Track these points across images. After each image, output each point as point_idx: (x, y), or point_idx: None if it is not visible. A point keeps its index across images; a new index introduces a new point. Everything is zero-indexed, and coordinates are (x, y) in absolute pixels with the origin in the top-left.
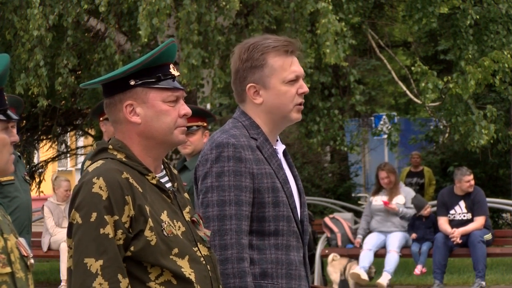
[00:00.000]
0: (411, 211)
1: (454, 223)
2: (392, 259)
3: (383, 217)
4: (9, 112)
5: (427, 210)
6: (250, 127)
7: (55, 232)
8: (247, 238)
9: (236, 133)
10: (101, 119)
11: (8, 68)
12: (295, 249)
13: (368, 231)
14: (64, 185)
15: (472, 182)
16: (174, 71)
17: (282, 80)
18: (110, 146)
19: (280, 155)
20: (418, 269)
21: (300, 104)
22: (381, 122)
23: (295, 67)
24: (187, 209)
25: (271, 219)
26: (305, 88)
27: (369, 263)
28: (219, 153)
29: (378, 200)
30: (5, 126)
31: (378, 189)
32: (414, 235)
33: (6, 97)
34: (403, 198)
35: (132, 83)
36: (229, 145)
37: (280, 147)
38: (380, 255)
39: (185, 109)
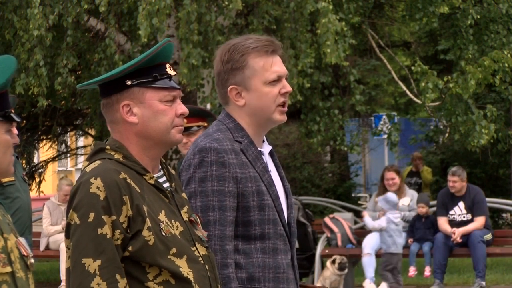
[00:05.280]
0: (413, 213)
1: (454, 224)
2: None
3: None
4: (12, 114)
5: (425, 209)
6: (234, 130)
7: (50, 233)
8: (232, 244)
9: (219, 137)
10: None
11: (15, 71)
12: (282, 252)
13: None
14: (64, 189)
15: (455, 184)
16: (170, 71)
17: (263, 81)
18: (108, 147)
19: (267, 157)
20: (427, 270)
21: (283, 104)
22: (381, 122)
23: (276, 67)
24: (185, 209)
25: (257, 223)
26: (288, 88)
27: (374, 270)
28: (201, 158)
29: None
30: (8, 128)
31: (384, 191)
32: (410, 240)
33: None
34: (408, 200)
35: (129, 83)
36: (211, 150)
37: (266, 148)
38: (380, 255)
39: (182, 108)
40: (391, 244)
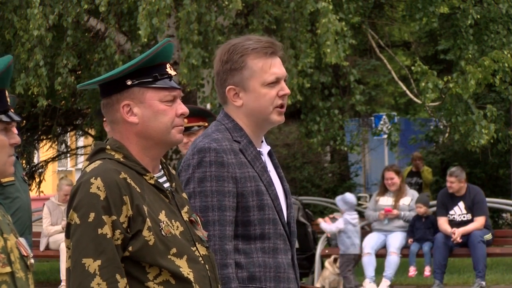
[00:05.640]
0: (413, 213)
1: (454, 224)
2: (392, 262)
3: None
4: (10, 113)
5: (423, 209)
6: (233, 130)
7: (50, 233)
8: (232, 244)
9: (218, 137)
10: (104, 119)
11: (9, 69)
12: (282, 252)
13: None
14: (64, 189)
15: (452, 184)
16: (170, 71)
17: (261, 83)
18: (108, 147)
19: (265, 157)
20: (427, 270)
21: (281, 106)
22: (381, 122)
23: (275, 69)
24: (185, 209)
25: (257, 222)
26: (286, 90)
27: (374, 269)
28: (200, 158)
29: (384, 201)
30: (4, 127)
31: (384, 191)
32: (411, 240)
33: (8, 98)
34: (409, 200)
35: (129, 83)
36: (210, 150)
37: (265, 149)
38: (380, 255)
39: (182, 108)
40: (349, 245)
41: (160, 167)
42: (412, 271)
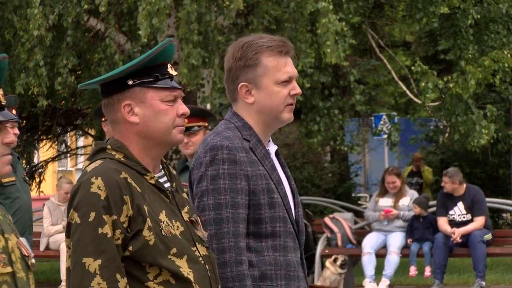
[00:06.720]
0: (412, 213)
1: (454, 224)
2: (392, 262)
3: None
4: (5, 111)
5: (417, 209)
6: (242, 128)
7: (51, 233)
8: (245, 241)
9: (229, 135)
10: (103, 119)
11: (2, 67)
12: (292, 250)
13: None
14: (64, 187)
15: (445, 185)
16: (172, 71)
17: (275, 81)
18: (109, 146)
19: (273, 156)
20: (427, 271)
21: (291, 105)
22: (381, 122)
23: (288, 68)
24: (186, 209)
25: (268, 220)
26: (297, 90)
27: (373, 268)
28: (213, 156)
29: (384, 202)
30: None
31: (384, 192)
32: (410, 240)
33: (4, 97)
34: (408, 200)
35: (130, 83)
36: (223, 148)
37: (272, 148)
38: (380, 255)
39: (183, 108)
40: None
41: (161, 167)
42: (413, 271)
